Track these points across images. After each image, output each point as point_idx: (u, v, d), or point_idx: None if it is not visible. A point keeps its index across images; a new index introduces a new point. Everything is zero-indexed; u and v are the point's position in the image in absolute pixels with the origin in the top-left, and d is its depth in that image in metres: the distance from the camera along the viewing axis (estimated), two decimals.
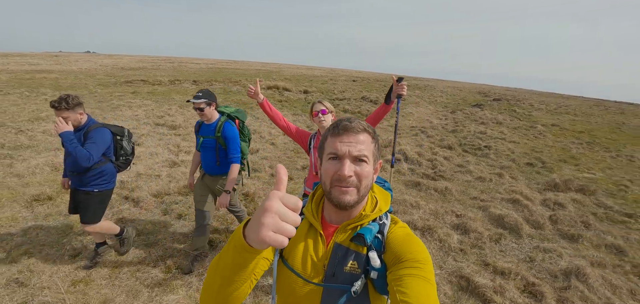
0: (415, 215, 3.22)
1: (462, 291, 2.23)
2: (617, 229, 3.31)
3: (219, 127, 2.27)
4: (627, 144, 8.05)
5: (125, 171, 2.46)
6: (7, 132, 5.08)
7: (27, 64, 18.64)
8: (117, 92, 10.12)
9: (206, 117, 2.21)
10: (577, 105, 17.55)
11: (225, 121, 2.28)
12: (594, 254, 2.79)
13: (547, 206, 3.75)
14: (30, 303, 1.88)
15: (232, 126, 2.28)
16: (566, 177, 4.74)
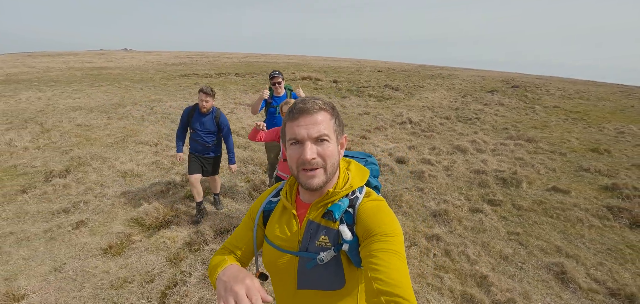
0: (407, 145, 6.15)
1: (423, 163, 5.14)
2: (531, 148, 6.05)
3: (289, 95, 3.57)
4: (615, 121, 10.30)
5: None
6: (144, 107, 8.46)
7: (83, 62, 22.91)
8: (183, 84, 13.56)
9: (281, 90, 3.51)
10: (601, 91, 19.24)
11: (291, 92, 3.60)
12: (508, 152, 5.59)
13: (495, 145, 6.51)
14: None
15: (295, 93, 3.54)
16: (527, 136, 7.40)
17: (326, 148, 0.78)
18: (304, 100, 0.81)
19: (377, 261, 0.69)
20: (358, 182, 0.87)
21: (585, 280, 2.67)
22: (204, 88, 3.19)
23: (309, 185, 0.79)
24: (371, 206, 0.81)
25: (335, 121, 0.83)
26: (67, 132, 5.87)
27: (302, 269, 0.83)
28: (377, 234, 0.74)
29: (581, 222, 3.61)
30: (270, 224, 0.92)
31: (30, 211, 3.36)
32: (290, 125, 0.80)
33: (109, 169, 4.41)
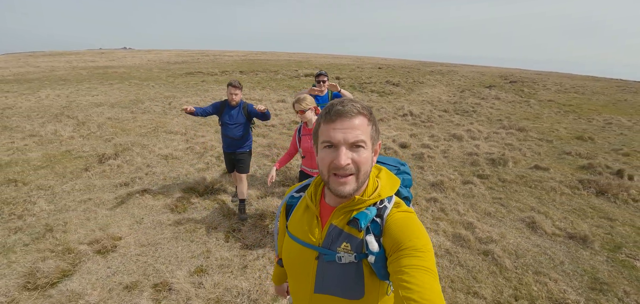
0: (408, 133, 6.97)
1: (423, 147, 5.95)
2: (521, 136, 6.88)
3: (330, 96, 3.75)
4: (605, 113, 11.15)
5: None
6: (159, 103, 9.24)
7: (85, 62, 23.60)
8: (191, 81, 14.32)
9: (324, 90, 3.64)
10: (597, 85, 20.13)
11: (333, 92, 3.75)
12: (500, 140, 6.42)
13: (488, 134, 7.34)
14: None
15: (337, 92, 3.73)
16: (518, 126, 8.23)
17: (361, 154, 0.77)
18: (342, 102, 0.79)
19: (409, 278, 0.67)
20: (387, 191, 0.85)
21: (550, 228, 3.49)
22: (233, 82, 3.38)
23: (340, 192, 0.78)
24: (401, 218, 0.79)
25: (373, 126, 0.81)
26: (103, 124, 6.66)
27: (321, 272, 0.82)
28: (408, 248, 0.72)
29: (554, 190, 4.44)
30: (292, 219, 0.93)
31: (97, 184, 4.15)
32: (325, 127, 0.79)
33: (150, 154, 5.21)
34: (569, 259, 2.99)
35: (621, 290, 2.62)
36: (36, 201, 3.66)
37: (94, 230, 3.16)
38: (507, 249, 3.07)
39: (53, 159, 4.85)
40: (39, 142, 5.56)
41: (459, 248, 3.05)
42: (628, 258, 3.05)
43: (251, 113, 3.45)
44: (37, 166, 4.61)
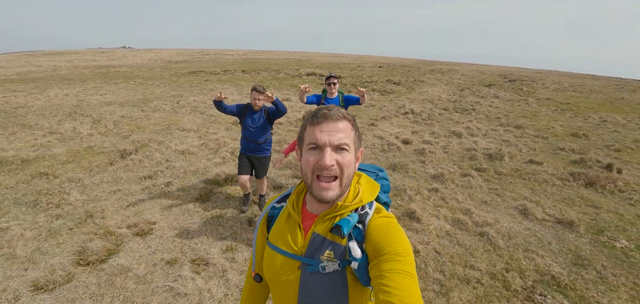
0: (410, 130, 7.37)
1: (424, 143, 6.35)
2: (518, 133, 7.28)
3: (341, 99, 3.81)
4: (601, 111, 11.58)
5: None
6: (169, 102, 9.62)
7: (87, 61, 23.93)
8: (195, 81, 14.68)
9: (334, 92, 3.77)
10: (596, 84, 20.58)
11: (343, 95, 3.80)
12: (499, 135, 6.82)
13: (486, 131, 7.75)
14: None
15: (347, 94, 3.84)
16: (516, 123, 8.64)
17: (345, 157, 0.80)
18: (328, 107, 0.84)
19: (389, 283, 0.69)
20: (368, 197, 0.88)
21: (541, 214, 3.90)
22: (257, 87, 3.49)
23: (323, 197, 0.80)
24: (382, 223, 0.82)
25: (356, 132, 0.85)
26: (119, 122, 7.03)
27: (304, 283, 0.83)
28: (389, 253, 0.74)
29: (546, 182, 4.84)
30: (274, 230, 0.93)
31: (123, 177, 4.54)
32: (311, 129, 0.82)
33: (167, 149, 5.59)
34: (555, 240, 3.40)
35: (600, 265, 3.02)
36: (69, 192, 4.03)
37: (129, 216, 3.54)
38: (501, 231, 3.48)
39: (77, 155, 5.23)
40: (61, 139, 5.94)
41: (457, 230, 3.45)
42: (609, 239, 3.46)
43: (270, 113, 3.56)
44: (63, 161, 4.98)
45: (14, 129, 6.48)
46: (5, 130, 6.43)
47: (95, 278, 2.64)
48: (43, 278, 2.58)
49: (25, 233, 3.17)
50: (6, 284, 2.54)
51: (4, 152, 5.19)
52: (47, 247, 3.00)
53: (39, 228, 3.28)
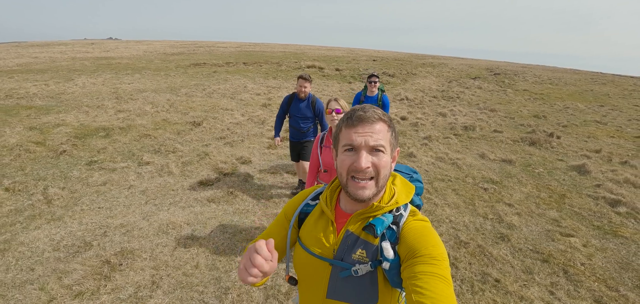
0: (406, 111, 9.88)
1: (417, 119, 8.85)
2: (491, 114, 9.90)
3: (380, 97, 4.57)
4: (568, 100, 14.40)
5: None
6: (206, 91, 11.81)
7: (82, 52, 25.47)
8: (204, 72, 16.77)
9: (374, 90, 4.57)
10: (573, 78, 23.76)
11: (383, 94, 4.59)
12: (477, 116, 9.41)
13: (466, 112, 10.33)
14: None
15: (387, 97, 4.59)
16: (491, 108, 11.28)
17: (381, 159, 0.86)
18: (363, 108, 0.89)
19: (423, 284, 0.73)
20: (403, 198, 0.95)
21: (492, 157, 6.44)
22: (304, 75, 3.87)
23: (358, 196, 0.87)
24: (417, 226, 0.87)
25: (392, 133, 0.91)
26: (173, 103, 9.23)
27: (334, 279, 0.90)
28: (424, 255, 0.78)
29: (502, 142, 7.42)
30: (305, 228, 1.01)
31: (205, 137, 6.80)
32: (347, 131, 0.88)
33: (223, 122, 7.86)
34: (498, 168, 5.93)
35: (520, 176, 5.55)
36: (175, 145, 6.28)
37: (229, 156, 5.85)
38: (465, 162, 6.01)
39: (159, 124, 7.45)
40: (136, 115, 8.10)
41: (438, 162, 5.97)
42: (532, 168, 6.01)
43: (317, 111, 4.02)
44: (152, 128, 7.19)
45: (85, 109, 8.58)
46: (79, 110, 8.52)
47: (234, 178, 4.97)
48: (204, 178, 4.88)
49: (169, 164, 5.42)
50: (183, 182, 4.82)
51: (98, 123, 7.33)
52: (190, 170, 5.29)
53: (175, 162, 5.54)
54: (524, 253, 3.54)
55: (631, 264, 3.45)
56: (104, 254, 3.16)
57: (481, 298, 2.87)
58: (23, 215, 3.82)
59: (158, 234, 3.55)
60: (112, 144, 6.19)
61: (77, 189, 4.47)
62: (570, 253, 3.56)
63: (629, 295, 2.99)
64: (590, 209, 4.60)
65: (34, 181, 4.61)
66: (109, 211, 3.97)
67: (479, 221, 4.14)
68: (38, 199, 4.15)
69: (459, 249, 3.53)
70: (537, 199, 4.83)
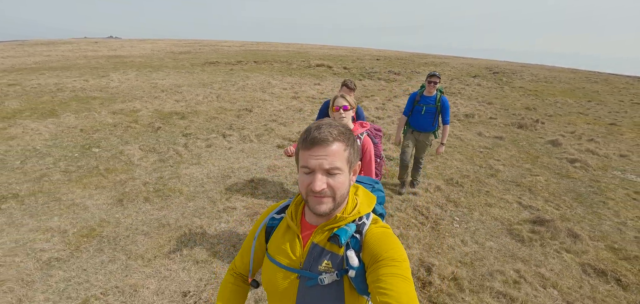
0: None
1: None
2: (488, 106, 12.34)
3: (439, 98, 4.71)
4: (560, 96, 16.92)
5: None
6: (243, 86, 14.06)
7: (92, 51, 27.49)
8: (222, 70, 18.99)
9: (432, 91, 4.72)
10: (568, 77, 26.47)
11: (442, 95, 4.72)
12: (475, 107, 11.83)
13: (467, 104, 12.75)
14: None
15: (447, 99, 4.68)
16: (488, 101, 13.71)
17: (337, 180, 0.96)
18: (319, 128, 0.96)
19: (385, 285, 0.85)
20: (366, 208, 1.07)
21: (487, 134, 8.86)
22: (348, 83, 4.04)
23: (317, 210, 0.97)
24: (378, 232, 0.99)
25: (350, 150, 1.00)
26: (219, 95, 11.46)
27: (302, 291, 1.01)
28: (385, 259, 0.91)
29: (496, 125, 9.83)
30: (273, 241, 1.12)
31: (260, 119, 9.04)
32: (303, 153, 0.97)
33: (268, 110, 10.11)
34: (492, 141, 8.32)
35: (509, 146, 7.91)
36: (241, 124, 8.51)
37: (289, 131, 8.09)
38: (466, 137, 8.40)
39: (219, 110, 9.68)
40: (195, 103, 10.32)
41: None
42: (517, 142, 8.38)
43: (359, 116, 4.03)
44: (215, 113, 9.41)
45: (145, 99, 10.77)
46: (140, 100, 10.70)
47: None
48: (278, 144, 7.13)
49: (247, 135, 7.65)
50: (264, 146, 7.07)
51: (168, 109, 9.53)
52: (265, 139, 7.54)
53: (249, 134, 7.77)
54: (505, 183, 5.90)
55: (574, 190, 5.82)
56: (244, 180, 5.42)
57: (478, 198, 5.22)
58: (168, 163, 6.04)
59: (268, 171, 5.81)
60: (191, 123, 8.41)
61: (192, 149, 6.70)
62: (535, 182, 5.93)
63: (566, 200, 5.36)
64: (554, 164, 6.99)
65: (155, 144, 6.82)
66: (226, 161, 6.22)
67: (476, 168, 6.50)
68: (171, 154, 6.37)
69: (464, 179, 5.89)
70: (518, 158, 7.22)
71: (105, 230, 3.97)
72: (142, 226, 4.09)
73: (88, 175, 5.41)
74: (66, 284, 3.14)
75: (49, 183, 5.11)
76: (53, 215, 4.27)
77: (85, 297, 2.98)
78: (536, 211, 4.93)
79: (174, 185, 5.13)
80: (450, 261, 3.68)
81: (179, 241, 3.82)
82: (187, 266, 3.43)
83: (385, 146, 7.38)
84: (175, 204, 4.62)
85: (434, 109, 4.82)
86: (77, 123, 8.08)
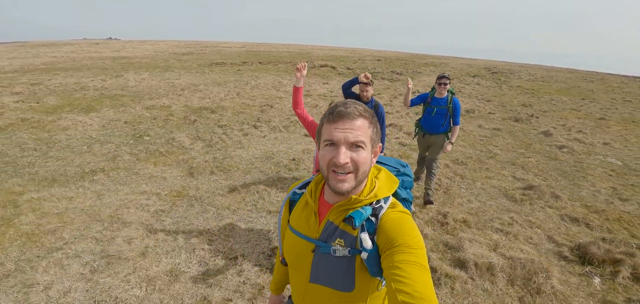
0: None
1: None
2: (487, 103, 13.73)
3: (450, 100, 4.82)
4: (555, 95, 18.36)
5: None
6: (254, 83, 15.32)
7: (95, 52, 28.56)
8: (229, 70, 20.22)
9: (443, 92, 4.87)
10: (565, 76, 28.05)
11: (453, 97, 4.82)
12: (476, 105, 13.20)
13: (467, 102, 14.12)
14: None
15: (458, 100, 4.80)
16: (487, 99, 15.10)
17: (360, 154, 0.99)
18: (345, 104, 1.02)
19: (401, 272, 0.86)
20: (384, 192, 1.10)
21: (487, 126, 10.21)
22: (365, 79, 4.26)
23: (338, 189, 1.01)
24: (395, 217, 1.02)
25: (374, 129, 1.04)
26: (239, 93, 12.70)
27: (316, 262, 1.11)
28: (400, 245, 0.93)
29: (495, 119, 11.22)
30: (294, 214, 1.24)
31: (282, 115, 10.30)
32: (327, 126, 1.02)
33: (286, 106, 11.36)
34: (490, 132, 9.67)
35: (505, 136, 9.25)
36: (267, 117, 9.75)
37: None
38: (468, 129, 9.78)
39: (243, 106, 10.93)
40: (219, 99, 11.55)
41: None
42: (513, 133, 9.73)
43: (378, 115, 4.36)
44: (240, 109, 10.65)
45: (170, 96, 11.98)
46: (166, 97, 11.90)
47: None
48: (305, 133, 8.39)
49: (278, 126, 8.90)
50: (293, 134, 8.33)
51: (196, 105, 10.75)
52: (292, 129, 8.81)
53: (277, 125, 9.02)
54: (502, 163, 7.24)
55: (560, 168, 7.16)
56: (286, 159, 6.68)
57: (480, 173, 6.55)
58: (216, 147, 7.28)
59: (303, 153, 7.07)
60: (222, 117, 9.65)
61: (232, 137, 7.94)
62: (526, 163, 7.27)
63: (553, 175, 6.70)
64: (545, 149, 8.34)
65: (197, 133, 8.05)
66: (265, 146, 7.47)
67: (477, 152, 7.83)
68: (216, 141, 7.61)
69: (467, 159, 7.24)
70: (513, 145, 8.57)
71: (189, 192, 5.22)
72: (217, 189, 5.35)
73: (153, 156, 6.65)
74: (176, 225, 4.39)
75: (123, 162, 6.34)
76: (141, 183, 5.51)
77: (193, 233, 4.22)
78: (527, 181, 6.25)
79: (229, 163, 6.37)
80: (460, 211, 4.99)
81: (251, 199, 5.09)
82: (262, 215, 4.69)
83: (398, 134, 8.69)
84: (236, 176, 5.88)
85: (445, 110, 4.93)
86: (118, 117, 9.30)
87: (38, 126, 8.25)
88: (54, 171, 5.86)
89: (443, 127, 5.07)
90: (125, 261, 3.67)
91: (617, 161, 7.78)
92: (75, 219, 4.44)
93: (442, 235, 4.36)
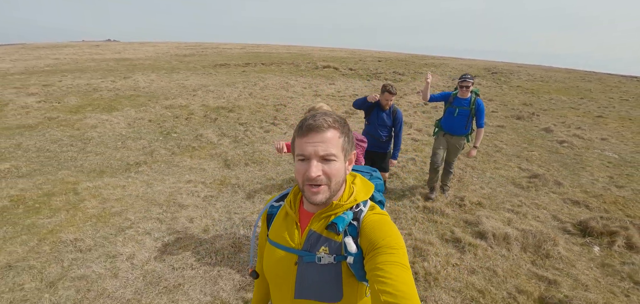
0: (422, 101, 14.43)
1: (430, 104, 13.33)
2: (489, 102, 14.52)
3: (473, 101, 4.73)
4: (554, 94, 19.22)
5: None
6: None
7: (97, 54, 29.05)
8: (234, 71, 20.87)
9: (466, 94, 4.81)
10: (564, 76, 29.01)
11: (477, 98, 4.75)
12: None
13: None
14: None
15: (482, 102, 4.66)
16: (489, 98, 15.90)
17: (332, 166, 1.02)
18: (314, 117, 1.04)
19: (383, 273, 0.90)
20: (362, 196, 1.15)
21: (491, 123, 10.98)
22: (390, 89, 4.32)
23: (313, 201, 1.04)
24: (375, 219, 1.06)
25: (345, 138, 1.07)
26: (251, 93, 13.37)
27: (300, 277, 1.09)
28: (382, 246, 0.97)
29: (498, 117, 12.04)
30: (273, 228, 1.22)
31: (297, 112, 10.99)
32: (299, 141, 1.05)
33: (299, 105, 12.05)
34: (494, 129, 10.46)
35: (508, 131, 10.01)
36: (283, 115, 10.43)
37: None
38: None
39: (257, 105, 11.60)
40: (234, 99, 12.21)
41: None
42: (515, 129, 10.49)
43: (396, 120, 4.50)
44: (256, 108, 11.32)
45: (185, 96, 12.62)
46: (180, 97, 12.54)
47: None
48: None
49: (296, 122, 9.57)
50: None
51: (213, 105, 11.40)
52: None
53: (295, 123, 9.69)
54: (508, 155, 7.99)
55: (561, 160, 7.92)
56: None
57: (488, 164, 7.29)
58: (243, 142, 7.94)
59: None
60: (240, 116, 10.32)
61: (255, 133, 8.62)
62: (530, 156, 8.03)
63: (555, 166, 7.46)
64: (547, 144, 9.11)
65: (222, 130, 8.71)
66: (288, 141, 8.12)
67: (484, 146, 8.59)
68: (241, 137, 8.28)
69: (476, 153, 7.92)
70: (517, 140, 9.34)
71: (231, 181, 5.90)
72: (255, 179, 6.04)
73: (187, 150, 7.31)
74: (227, 208, 5.06)
75: (160, 155, 7.00)
76: (183, 174, 6.17)
77: (245, 213, 4.90)
78: (532, 171, 7.00)
79: (259, 156, 7.05)
80: (475, 196, 5.72)
81: (288, 187, 5.75)
82: None
83: (410, 131, 9.42)
84: (269, 167, 6.57)
85: (467, 111, 4.93)
86: (141, 116, 9.94)
87: (66, 125, 8.86)
88: (98, 164, 6.50)
89: (465, 129, 5.08)
90: (191, 237, 4.34)
91: (613, 154, 8.55)
92: (134, 203, 5.10)
93: (461, 214, 5.08)
